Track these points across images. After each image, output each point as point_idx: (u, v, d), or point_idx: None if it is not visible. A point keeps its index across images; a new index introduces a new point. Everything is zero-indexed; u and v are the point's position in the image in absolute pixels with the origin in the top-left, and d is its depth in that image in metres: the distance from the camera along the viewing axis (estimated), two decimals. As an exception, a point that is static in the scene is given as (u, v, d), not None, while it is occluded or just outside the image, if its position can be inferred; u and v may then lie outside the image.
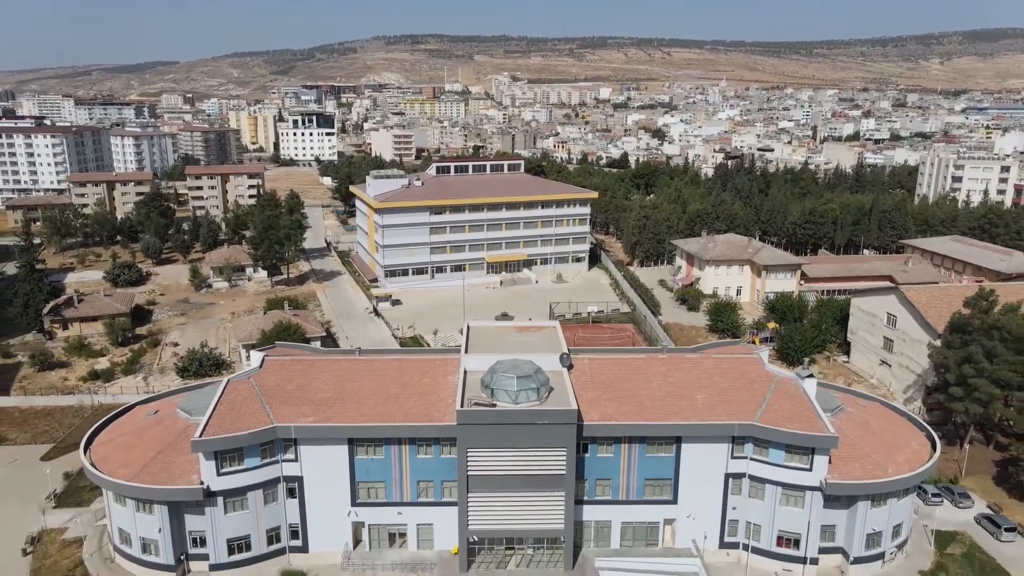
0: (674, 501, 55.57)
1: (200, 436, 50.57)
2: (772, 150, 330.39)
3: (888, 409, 63.04)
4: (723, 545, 56.35)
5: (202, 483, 51.51)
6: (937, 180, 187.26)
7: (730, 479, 54.91)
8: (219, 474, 51.75)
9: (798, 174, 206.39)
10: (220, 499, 52.34)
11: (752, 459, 54.09)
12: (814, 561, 54.22)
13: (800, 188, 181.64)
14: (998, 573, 55.12)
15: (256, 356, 60.53)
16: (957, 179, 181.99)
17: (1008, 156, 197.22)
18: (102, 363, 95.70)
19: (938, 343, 72.48)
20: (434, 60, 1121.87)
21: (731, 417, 53.85)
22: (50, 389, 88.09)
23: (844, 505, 53.70)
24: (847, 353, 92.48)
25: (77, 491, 65.64)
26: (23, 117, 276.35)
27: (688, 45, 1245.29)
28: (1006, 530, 58.85)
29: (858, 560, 54.18)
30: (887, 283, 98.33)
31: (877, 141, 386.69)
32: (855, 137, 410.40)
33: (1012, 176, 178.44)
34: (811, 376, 56.77)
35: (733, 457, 54.45)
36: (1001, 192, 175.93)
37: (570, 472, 52.00)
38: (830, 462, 52.71)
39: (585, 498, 55.17)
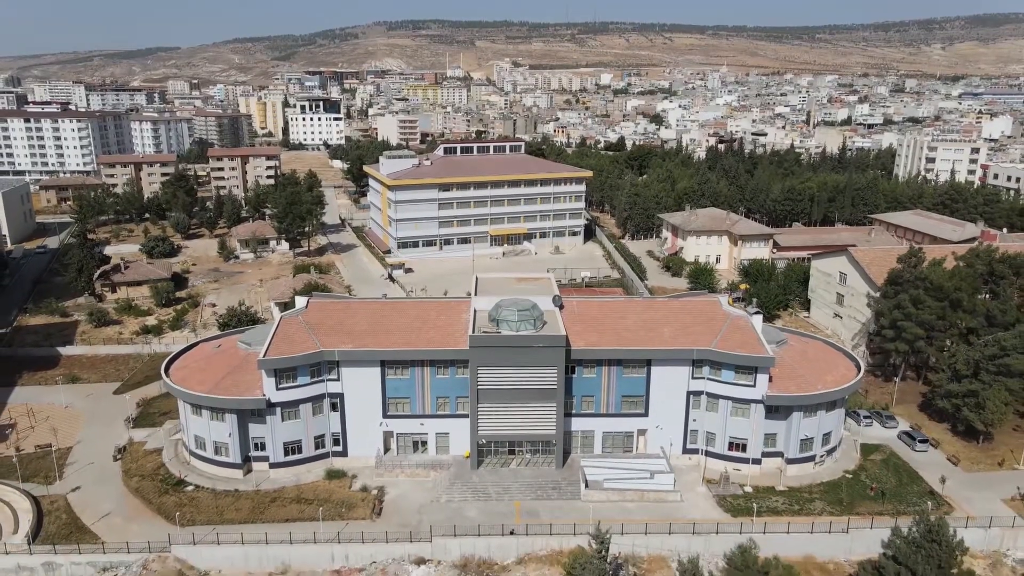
0: (646, 414, 68.20)
1: (264, 356, 63.21)
2: (765, 134, 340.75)
3: (826, 344, 75.68)
4: (685, 451, 69.06)
5: (264, 396, 64.22)
6: (912, 162, 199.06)
7: (691, 396, 67.53)
8: (278, 389, 64.44)
9: (783, 156, 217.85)
10: (278, 409, 65.09)
11: (708, 379, 66.64)
12: (757, 462, 66.92)
13: (784, 169, 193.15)
14: (909, 473, 67.79)
15: (301, 300, 73.13)
16: (931, 160, 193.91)
17: (978, 139, 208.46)
18: (150, 321, 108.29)
19: (877, 295, 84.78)
20: (435, 46, 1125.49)
21: (692, 345, 66.29)
22: (109, 341, 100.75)
23: (782, 416, 66.29)
24: (808, 309, 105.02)
25: (149, 415, 78.64)
26: (48, 103, 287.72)
27: (690, 30, 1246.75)
28: (919, 442, 71.54)
29: (793, 461, 66.93)
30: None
31: (870, 126, 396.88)
32: (848, 122, 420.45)
33: (981, 157, 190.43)
34: (757, 313, 69.32)
35: (693, 378, 67.01)
36: (972, 172, 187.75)
37: (560, 387, 64.62)
38: (771, 380, 65.23)
39: (573, 412, 67.81)
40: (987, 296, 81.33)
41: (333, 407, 67.33)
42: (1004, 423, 71.85)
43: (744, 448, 67.04)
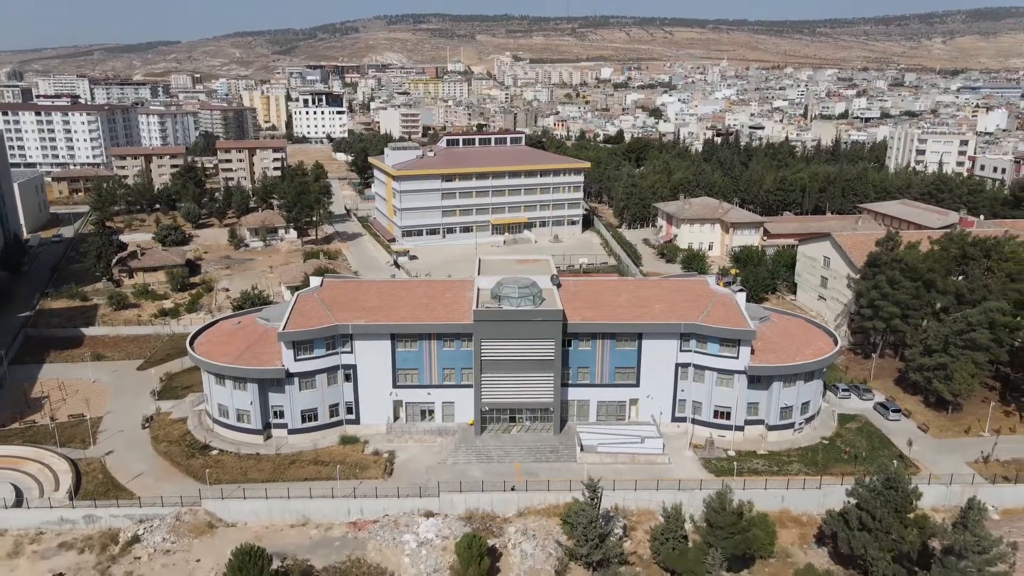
0: (637, 385, 73.33)
1: (283, 330, 68.36)
2: (763, 128, 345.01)
3: (806, 322, 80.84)
4: (674, 419, 74.20)
5: (284, 366, 69.37)
6: (904, 153, 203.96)
7: (679, 367, 72.61)
8: (296, 360, 69.59)
9: (778, 148, 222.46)
10: (296, 379, 70.27)
11: (695, 351, 71.71)
12: (740, 429, 72.09)
13: (778, 161, 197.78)
14: (881, 439, 72.98)
15: (315, 279, 78.27)
16: (921, 152, 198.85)
17: (968, 132, 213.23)
18: (167, 304, 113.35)
19: (858, 277, 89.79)
20: (436, 40, 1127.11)
21: (680, 319, 71.34)
22: (129, 323, 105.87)
23: (763, 386, 71.39)
24: (795, 292, 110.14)
25: (172, 389, 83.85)
26: (56, 96, 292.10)
27: (690, 24, 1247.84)
28: (892, 412, 76.71)
29: (774, 428, 72.10)
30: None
31: (866, 120, 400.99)
32: (845, 116, 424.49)
33: (970, 149, 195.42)
34: (741, 291, 74.41)
35: (681, 350, 72.10)
36: (960, 164, 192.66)
37: (557, 358, 69.77)
38: (753, 352, 70.30)
39: (569, 382, 72.95)
40: (959, 277, 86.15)
41: (347, 378, 72.46)
42: (972, 394, 76.81)
43: (728, 416, 72.14)
